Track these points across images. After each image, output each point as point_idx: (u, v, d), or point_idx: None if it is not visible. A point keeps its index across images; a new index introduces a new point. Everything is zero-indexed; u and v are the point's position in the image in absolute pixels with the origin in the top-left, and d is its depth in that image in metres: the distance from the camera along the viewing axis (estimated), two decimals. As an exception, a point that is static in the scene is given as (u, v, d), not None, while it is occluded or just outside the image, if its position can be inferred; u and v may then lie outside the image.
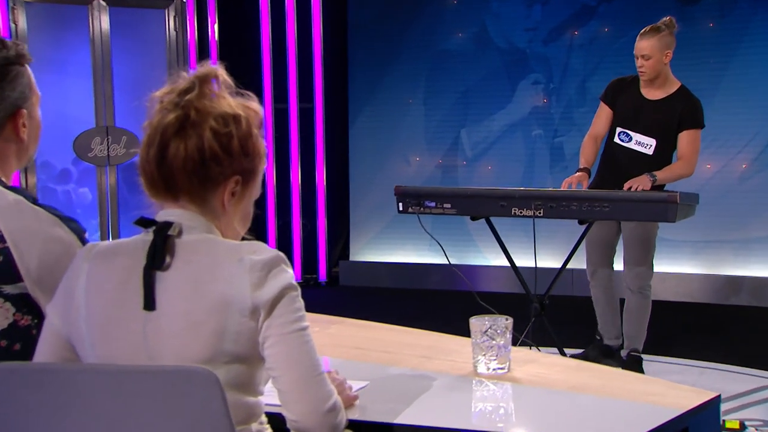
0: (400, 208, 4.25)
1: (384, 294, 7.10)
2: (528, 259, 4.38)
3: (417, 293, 7.03)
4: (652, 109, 4.36)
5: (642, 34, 4.30)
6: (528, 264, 4.39)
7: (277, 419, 1.58)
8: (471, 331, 2.10)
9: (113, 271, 1.54)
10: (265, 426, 1.61)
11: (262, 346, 1.50)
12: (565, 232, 5.18)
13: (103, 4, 6.60)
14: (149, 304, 1.49)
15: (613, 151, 4.47)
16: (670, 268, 6.43)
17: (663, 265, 5.66)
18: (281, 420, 1.54)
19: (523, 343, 4.00)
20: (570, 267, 4.38)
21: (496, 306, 3.69)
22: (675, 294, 6.44)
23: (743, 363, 4.70)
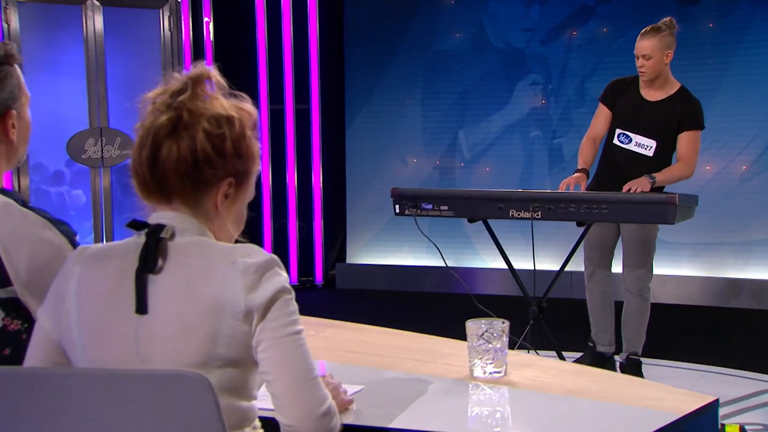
0: (397, 211, 4.22)
1: (381, 297, 7.09)
2: (526, 262, 4.36)
3: (414, 296, 7.02)
4: (651, 110, 4.34)
5: (642, 34, 4.28)
6: (526, 266, 4.37)
7: (271, 424, 1.56)
8: (467, 335, 2.09)
9: (105, 274, 1.52)
10: (258, 430, 1.59)
11: (256, 350, 1.49)
12: (564, 234, 5.17)
13: (96, 3, 6.57)
14: (141, 308, 1.48)
15: (612, 152, 4.45)
16: (670, 271, 6.42)
17: (662, 268, 5.65)
18: (275, 424, 1.53)
19: (521, 346, 3.99)
20: (568, 269, 4.36)
21: (493, 309, 3.67)
22: (674, 297, 6.43)
23: (743, 366, 4.69)
